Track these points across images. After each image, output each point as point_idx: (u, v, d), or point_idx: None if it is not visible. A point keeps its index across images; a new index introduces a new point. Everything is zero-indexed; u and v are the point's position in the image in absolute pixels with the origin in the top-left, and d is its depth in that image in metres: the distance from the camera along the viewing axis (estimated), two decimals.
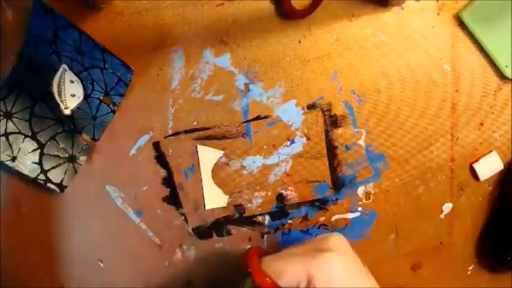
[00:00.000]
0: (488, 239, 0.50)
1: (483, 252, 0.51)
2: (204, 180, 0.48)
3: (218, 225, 0.49)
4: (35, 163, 0.45)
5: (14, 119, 0.45)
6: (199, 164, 0.48)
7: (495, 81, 0.47)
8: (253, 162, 0.48)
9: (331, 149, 0.48)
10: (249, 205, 0.49)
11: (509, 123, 0.48)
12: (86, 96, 0.46)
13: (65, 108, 0.46)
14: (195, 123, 0.47)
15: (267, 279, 0.34)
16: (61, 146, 0.46)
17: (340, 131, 0.48)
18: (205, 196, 0.48)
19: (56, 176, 0.46)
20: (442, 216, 0.50)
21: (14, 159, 0.45)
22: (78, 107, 0.46)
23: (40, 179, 0.46)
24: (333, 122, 0.48)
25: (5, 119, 0.44)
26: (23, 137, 0.45)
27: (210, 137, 0.48)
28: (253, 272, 0.35)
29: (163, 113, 0.47)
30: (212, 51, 0.46)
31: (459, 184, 0.50)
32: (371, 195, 0.50)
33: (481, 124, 0.48)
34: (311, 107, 0.48)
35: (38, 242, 0.48)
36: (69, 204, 0.48)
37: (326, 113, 0.48)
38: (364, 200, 0.50)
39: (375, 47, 0.47)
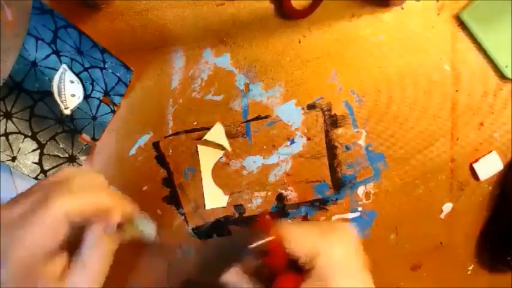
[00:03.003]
0: (488, 239, 0.50)
1: (483, 252, 0.51)
2: (204, 180, 0.48)
3: (218, 225, 0.49)
4: (35, 163, 0.45)
5: (14, 119, 0.45)
6: (199, 164, 0.48)
7: (495, 81, 0.47)
8: (253, 162, 0.48)
9: (331, 149, 0.48)
10: (249, 205, 0.49)
11: (509, 123, 0.48)
12: (86, 96, 0.46)
13: (65, 108, 0.46)
14: (195, 123, 0.47)
15: (276, 240, 0.34)
16: (61, 146, 0.46)
17: (340, 131, 0.48)
18: (205, 196, 0.48)
19: None
20: (442, 216, 0.50)
21: (14, 159, 0.45)
22: (78, 107, 0.46)
23: (40, 179, 0.46)
24: (333, 122, 0.48)
25: (5, 119, 0.44)
26: (23, 137, 0.45)
27: None
28: (265, 231, 0.35)
29: (163, 113, 0.47)
30: (212, 51, 0.46)
31: (459, 184, 0.50)
32: (371, 195, 0.50)
33: (481, 124, 0.48)
34: (311, 107, 0.48)
35: None
36: None
37: (326, 113, 0.48)
38: (364, 200, 0.50)
39: (375, 47, 0.47)
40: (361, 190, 0.49)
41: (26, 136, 0.45)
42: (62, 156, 0.46)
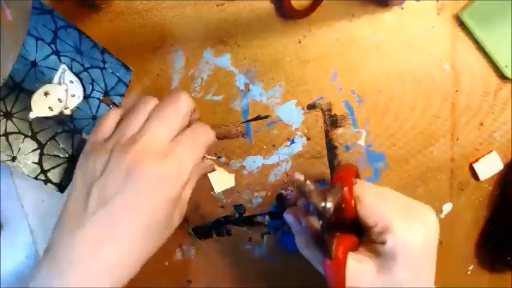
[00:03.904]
0: (488, 239, 0.50)
1: (483, 252, 0.51)
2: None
3: (218, 225, 0.49)
4: (35, 163, 0.45)
5: (14, 119, 0.45)
6: None
7: (495, 81, 0.47)
8: (253, 162, 0.48)
9: (331, 149, 0.48)
10: (249, 205, 0.49)
11: (509, 123, 0.48)
12: (86, 96, 0.46)
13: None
14: None
15: (352, 202, 0.33)
16: (61, 146, 0.46)
17: (340, 131, 0.48)
18: (212, 181, 0.48)
19: (55, 176, 0.46)
20: (442, 216, 0.50)
21: (14, 159, 0.45)
22: (78, 107, 0.46)
23: (40, 179, 0.46)
24: (333, 122, 0.48)
25: (5, 119, 0.44)
26: (23, 137, 0.45)
27: None
28: (347, 185, 0.33)
29: None
30: (212, 51, 0.46)
31: (459, 184, 0.50)
32: None
33: (481, 124, 0.48)
34: (311, 107, 0.48)
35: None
36: None
37: (326, 113, 0.48)
38: None
39: (375, 47, 0.47)
40: None
41: (26, 136, 0.45)
42: (62, 156, 0.46)
